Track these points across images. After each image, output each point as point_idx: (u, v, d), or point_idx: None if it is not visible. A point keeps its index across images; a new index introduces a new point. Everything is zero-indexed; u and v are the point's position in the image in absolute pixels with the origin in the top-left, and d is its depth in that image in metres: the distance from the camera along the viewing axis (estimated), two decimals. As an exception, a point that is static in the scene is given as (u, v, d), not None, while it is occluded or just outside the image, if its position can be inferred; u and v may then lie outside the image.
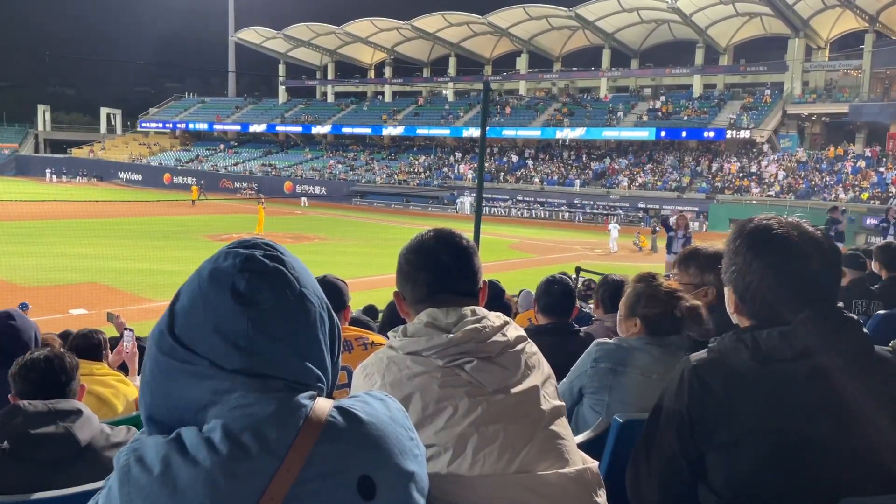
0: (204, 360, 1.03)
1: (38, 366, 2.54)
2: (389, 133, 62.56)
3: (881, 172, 41.05)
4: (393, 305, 4.56)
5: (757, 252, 1.63)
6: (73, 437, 2.27)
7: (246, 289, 1.06)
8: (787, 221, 1.65)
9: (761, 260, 1.62)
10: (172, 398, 1.04)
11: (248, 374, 1.03)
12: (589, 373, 2.61)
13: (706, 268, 2.94)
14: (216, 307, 1.05)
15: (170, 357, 1.05)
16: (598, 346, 2.65)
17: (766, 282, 1.61)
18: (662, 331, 2.60)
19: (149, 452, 0.98)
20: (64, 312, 14.02)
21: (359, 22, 63.13)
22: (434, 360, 1.50)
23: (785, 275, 1.60)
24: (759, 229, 1.66)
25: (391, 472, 1.04)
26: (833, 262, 1.64)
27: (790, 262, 1.60)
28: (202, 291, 1.07)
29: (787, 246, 1.60)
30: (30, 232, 24.52)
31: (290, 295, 1.08)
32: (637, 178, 48.59)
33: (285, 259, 1.12)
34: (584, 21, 54.17)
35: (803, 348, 1.54)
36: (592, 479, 1.50)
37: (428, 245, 1.68)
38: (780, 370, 1.55)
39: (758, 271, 1.62)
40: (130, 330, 4.66)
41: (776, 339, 1.56)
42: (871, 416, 1.52)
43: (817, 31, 49.35)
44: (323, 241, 29.32)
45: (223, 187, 59.33)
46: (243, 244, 1.12)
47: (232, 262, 1.08)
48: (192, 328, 1.06)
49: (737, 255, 1.67)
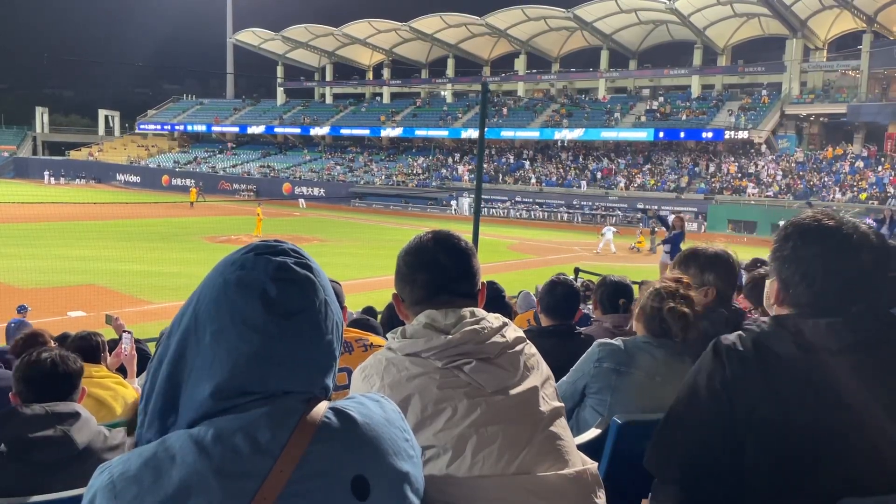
0: (225, 365, 1.03)
1: (42, 369, 2.51)
2: (388, 134, 62.56)
3: (879, 173, 41.10)
4: (392, 307, 4.56)
5: (806, 240, 1.61)
6: (71, 440, 2.26)
7: (278, 297, 1.05)
8: (841, 217, 1.64)
9: (811, 248, 1.60)
10: (185, 398, 1.05)
11: (263, 389, 1.03)
12: (592, 373, 2.61)
13: (706, 268, 2.96)
14: (244, 314, 1.04)
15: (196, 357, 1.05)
16: (601, 346, 2.64)
17: (814, 270, 1.59)
18: (655, 330, 2.61)
19: (133, 464, 0.97)
20: (62, 314, 14.00)
21: (357, 23, 63.12)
22: (433, 362, 1.50)
23: (834, 264, 1.58)
24: (811, 219, 1.65)
25: (385, 473, 1.04)
26: (884, 259, 1.61)
27: (840, 254, 1.58)
28: (228, 297, 1.05)
29: (837, 237, 1.59)
30: (28, 234, 24.50)
31: (317, 303, 1.08)
32: (635, 178, 48.63)
33: (313, 266, 1.11)
34: (582, 22, 54.20)
35: (851, 342, 1.52)
36: (592, 480, 1.50)
37: (426, 247, 1.68)
38: (824, 361, 1.52)
39: (806, 258, 1.60)
40: (129, 332, 4.65)
41: (823, 329, 1.54)
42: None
43: (815, 31, 49.40)
44: (322, 242, 29.30)
45: (222, 189, 59.31)
46: (271, 249, 1.10)
47: (263, 268, 1.06)
48: (216, 333, 1.04)
49: (786, 242, 1.65)
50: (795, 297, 1.63)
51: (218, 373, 1.03)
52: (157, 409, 1.08)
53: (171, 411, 1.07)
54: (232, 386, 1.02)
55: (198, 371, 1.04)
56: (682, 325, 2.56)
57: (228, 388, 1.02)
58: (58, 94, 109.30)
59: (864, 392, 1.50)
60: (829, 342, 1.53)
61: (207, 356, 1.04)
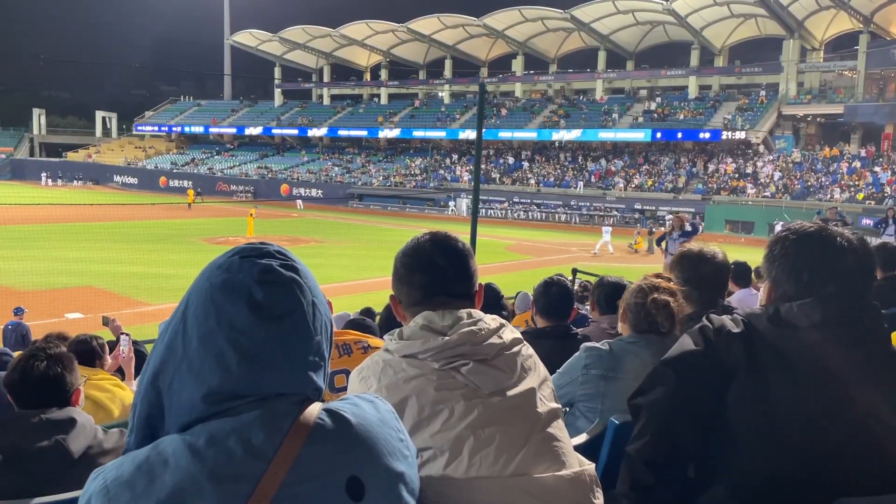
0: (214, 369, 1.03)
1: (35, 375, 2.45)
2: (385, 135, 62.54)
3: (876, 173, 41.18)
4: (389, 308, 4.55)
5: (795, 242, 1.76)
6: (66, 450, 2.25)
7: (264, 300, 1.04)
8: (830, 226, 1.80)
9: (798, 247, 1.75)
10: (173, 403, 1.04)
11: (256, 391, 1.03)
12: (580, 380, 2.60)
13: (693, 268, 3.00)
14: (231, 318, 1.04)
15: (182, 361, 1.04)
16: (588, 351, 2.64)
17: (800, 267, 1.73)
18: (642, 326, 2.61)
19: (127, 469, 0.97)
20: (60, 316, 14.00)
21: (354, 24, 63.11)
22: (430, 363, 1.50)
23: (819, 263, 1.72)
24: (800, 226, 1.81)
25: (380, 473, 1.04)
26: (867, 263, 1.75)
27: (825, 254, 1.71)
28: (214, 301, 1.05)
29: (823, 240, 1.73)
30: (25, 236, 24.47)
31: (304, 305, 1.08)
32: (633, 179, 48.67)
33: (299, 268, 1.11)
34: (579, 23, 54.23)
35: (820, 319, 1.64)
36: (589, 482, 1.49)
37: (424, 248, 1.68)
38: (793, 336, 1.66)
39: (793, 258, 1.75)
40: (127, 334, 4.65)
41: (795, 309, 1.68)
42: (875, 401, 1.59)
43: (812, 32, 49.47)
44: (319, 243, 29.29)
45: (219, 190, 59.26)
46: (256, 252, 1.10)
47: (248, 271, 1.06)
48: (203, 337, 1.04)
49: (776, 243, 1.80)
50: (783, 292, 1.77)
51: (208, 377, 1.02)
52: (142, 413, 1.07)
53: (157, 416, 1.06)
54: (224, 389, 1.02)
55: (186, 375, 1.03)
56: (666, 314, 2.57)
57: (220, 391, 1.02)
58: (55, 96, 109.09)
59: (834, 367, 1.61)
60: (800, 319, 1.67)
61: (196, 360, 1.03)
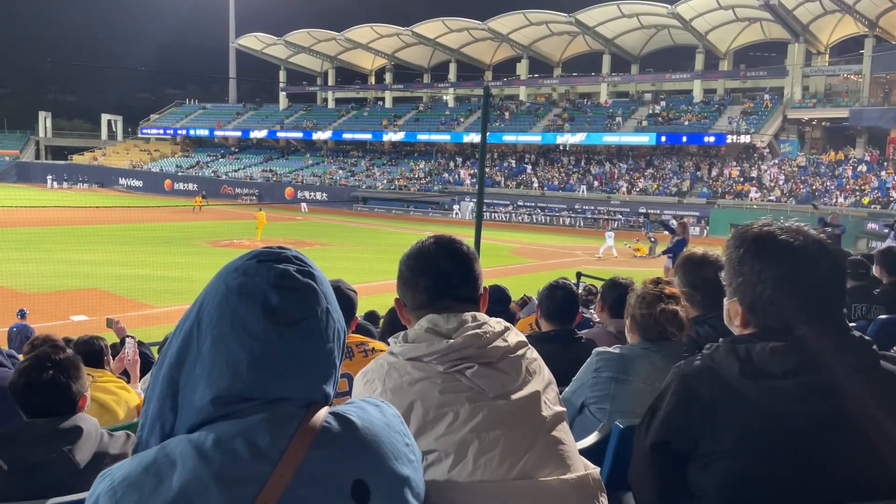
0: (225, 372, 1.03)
1: (41, 383, 2.44)
2: (390, 139, 62.61)
3: (881, 177, 41.06)
4: (394, 311, 4.56)
5: (766, 261, 1.57)
6: (73, 461, 2.26)
7: (279, 305, 1.04)
8: (789, 227, 1.61)
9: (772, 269, 1.55)
10: (185, 402, 1.05)
11: (264, 395, 1.03)
12: (590, 383, 2.61)
13: (697, 271, 2.99)
14: (245, 321, 1.03)
15: (196, 360, 1.05)
16: (599, 355, 2.64)
17: (779, 291, 1.55)
18: (652, 335, 2.61)
19: (134, 470, 0.97)
20: (65, 319, 14.04)
21: (359, 28, 63.27)
22: (435, 366, 1.50)
23: (797, 283, 1.54)
24: (762, 237, 1.59)
25: (385, 477, 1.04)
26: (840, 266, 1.59)
27: (800, 270, 1.54)
28: (230, 304, 1.05)
29: (795, 252, 1.55)
30: (30, 238, 24.53)
31: (318, 312, 1.08)
32: (637, 183, 48.62)
33: (315, 274, 1.11)
34: (584, 27, 54.26)
35: (793, 366, 1.50)
36: (594, 485, 1.49)
37: (428, 251, 1.68)
38: (769, 387, 1.50)
39: (769, 281, 1.55)
40: (132, 337, 4.66)
41: (767, 354, 1.52)
42: (874, 432, 1.47)
43: (817, 36, 49.42)
44: (324, 246, 29.30)
45: (224, 193, 59.39)
46: (274, 256, 1.09)
47: (265, 276, 1.06)
48: (216, 339, 1.04)
49: (742, 265, 1.60)
50: (762, 321, 1.60)
51: (218, 379, 1.02)
52: (156, 412, 1.07)
53: (170, 415, 1.06)
54: (232, 392, 1.02)
55: (197, 376, 1.04)
56: (676, 323, 2.58)
57: (229, 394, 1.02)
58: (61, 99, 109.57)
59: (810, 414, 1.48)
60: (773, 367, 1.51)
61: (207, 362, 1.03)
